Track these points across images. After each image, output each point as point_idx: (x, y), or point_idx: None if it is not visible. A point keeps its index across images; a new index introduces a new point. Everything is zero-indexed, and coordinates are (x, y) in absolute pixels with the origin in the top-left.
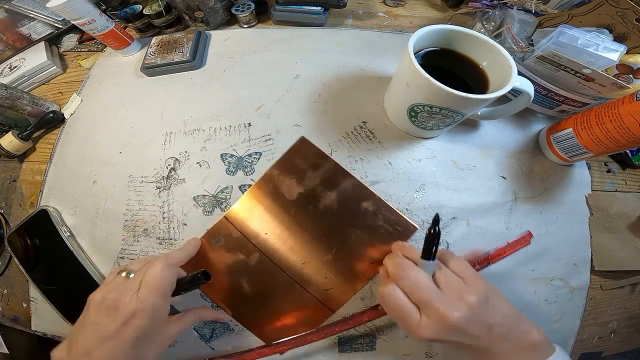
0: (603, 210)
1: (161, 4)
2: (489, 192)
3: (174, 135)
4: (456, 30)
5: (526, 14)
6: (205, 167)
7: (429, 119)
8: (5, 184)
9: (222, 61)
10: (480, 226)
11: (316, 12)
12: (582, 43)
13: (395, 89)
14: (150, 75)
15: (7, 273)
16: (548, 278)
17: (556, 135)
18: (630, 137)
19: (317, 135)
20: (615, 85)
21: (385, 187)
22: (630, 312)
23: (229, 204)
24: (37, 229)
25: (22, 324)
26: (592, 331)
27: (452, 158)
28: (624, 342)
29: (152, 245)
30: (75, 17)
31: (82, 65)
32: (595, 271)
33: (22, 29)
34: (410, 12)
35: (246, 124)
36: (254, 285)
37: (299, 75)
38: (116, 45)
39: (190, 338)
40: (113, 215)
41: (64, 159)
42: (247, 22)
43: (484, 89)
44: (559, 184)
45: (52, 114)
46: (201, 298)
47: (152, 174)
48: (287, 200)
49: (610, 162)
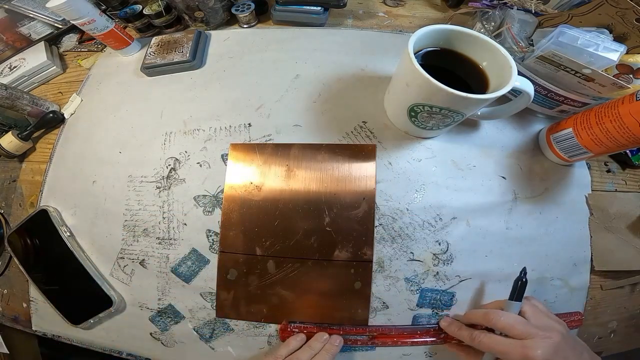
0: (603, 210)
1: (161, 4)
2: (489, 192)
3: (174, 135)
4: (456, 30)
5: (526, 14)
6: (206, 167)
7: (429, 119)
8: (5, 184)
9: (222, 61)
10: (480, 226)
11: (316, 12)
12: (582, 43)
13: (395, 89)
14: (150, 75)
15: (7, 273)
16: (548, 278)
17: (556, 135)
18: (630, 137)
19: (317, 135)
20: (615, 85)
21: (385, 187)
22: (630, 312)
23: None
24: (37, 229)
25: (22, 324)
26: (592, 331)
27: (452, 158)
28: (624, 342)
29: (152, 245)
30: (75, 17)
31: (82, 65)
32: (595, 271)
33: (22, 29)
34: (410, 12)
35: (246, 124)
36: (296, 287)
37: (299, 75)
38: (116, 45)
39: (190, 338)
40: (113, 215)
41: (64, 159)
42: (247, 22)
43: (484, 89)
44: (559, 184)
45: (52, 114)
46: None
47: (152, 174)
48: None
49: (610, 162)
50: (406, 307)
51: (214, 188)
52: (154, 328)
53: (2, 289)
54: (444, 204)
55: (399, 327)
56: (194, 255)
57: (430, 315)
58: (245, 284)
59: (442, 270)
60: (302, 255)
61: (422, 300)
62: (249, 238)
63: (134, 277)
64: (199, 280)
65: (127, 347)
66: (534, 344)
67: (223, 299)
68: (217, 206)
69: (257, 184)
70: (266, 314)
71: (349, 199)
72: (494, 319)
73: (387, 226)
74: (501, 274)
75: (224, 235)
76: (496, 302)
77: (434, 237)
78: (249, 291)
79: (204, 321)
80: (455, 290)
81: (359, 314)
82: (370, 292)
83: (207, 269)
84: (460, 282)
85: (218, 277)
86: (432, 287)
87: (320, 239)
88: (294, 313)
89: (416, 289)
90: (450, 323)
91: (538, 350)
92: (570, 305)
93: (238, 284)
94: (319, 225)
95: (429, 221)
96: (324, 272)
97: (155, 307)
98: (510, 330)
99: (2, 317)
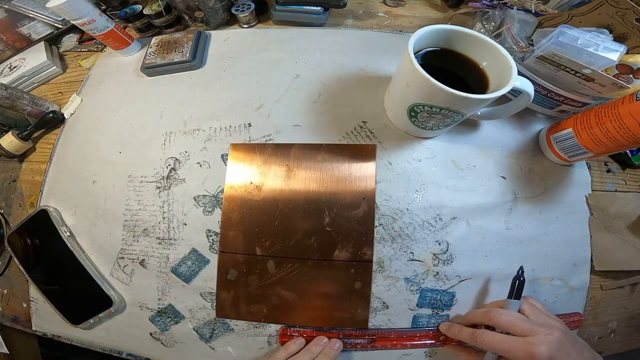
0: (603, 210)
1: (161, 4)
2: (489, 192)
3: (173, 135)
4: (456, 30)
5: (526, 14)
6: (206, 167)
7: (429, 119)
8: (5, 184)
9: (222, 61)
10: (480, 226)
11: (316, 12)
12: (582, 43)
13: (395, 89)
14: (150, 75)
15: (7, 273)
16: (548, 278)
17: (556, 135)
18: (630, 137)
19: (317, 135)
20: (615, 85)
21: (385, 187)
22: (630, 312)
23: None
24: (37, 229)
25: (22, 324)
26: (592, 331)
27: (452, 158)
28: (624, 342)
29: (152, 245)
30: (75, 17)
31: (82, 65)
32: (595, 271)
33: (22, 29)
34: (410, 12)
35: (246, 124)
36: (296, 287)
37: (299, 75)
38: (116, 45)
39: (190, 338)
40: (113, 215)
41: (64, 159)
42: (247, 22)
43: (484, 89)
44: (559, 184)
45: (52, 114)
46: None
47: (152, 174)
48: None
49: (610, 162)
50: (406, 307)
51: (214, 188)
52: (154, 328)
53: (2, 289)
54: (444, 204)
55: (399, 329)
56: (194, 255)
57: (431, 315)
58: (245, 284)
59: (442, 270)
60: (302, 255)
61: (422, 300)
62: (249, 238)
63: (134, 277)
64: (199, 280)
65: (127, 347)
66: (537, 341)
67: (223, 299)
68: (217, 206)
69: (257, 184)
70: (266, 314)
71: (349, 199)
72: (495, 316)
73: (387, 226)
74: (501, 274)
75: (224, 235)
76: (495, 303)
77: (434, 237)
78: (249, 291)
79: (204, 321)
80: (455, 290)
81: (359, 314)
82: (370, 292)
83: (207, 269)
84: (460, 282)
85: (218, 277)
86: (432, 287)
87: (320, 239)
88: (294, 313)
89: (416, 289)
90: (450, 326)
91: (542, 347)
92: (570, 305)
93: (238, 284)
94: (319, 225)
95: (429, 221)
96: (324, 272)
97: (155, 307)
98: (511, 327)
99: (2, 317)
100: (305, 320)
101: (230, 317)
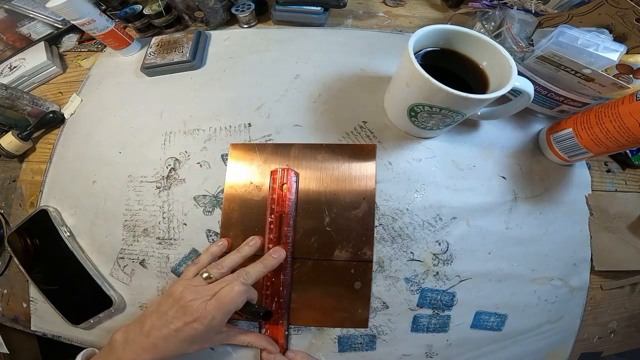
0: (603, 210)
1: (161, 4)
2: (489, 192)
3: (173, 135)
4: (456, 30)
5: (526, 14)
6: (206, 167)
7: (429, 119)
8: (5, 184)
9: (222, 61)
10: (480, 226)
11: (316, 12)
12: (582, 43)
13: (395, 89)
14: (150, 75)
15: (7, 273)
16: (548, 278)
17: (556, 135)
18: (630, 137)
19: (317, 135)
20: (615, 85)
21: (385, 187)
22: (630, 312)
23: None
24: (37, 229)
25: (22, 324)
26: (592, 331)
27: (452, 158)
28: (624, 342)
29: (152, 245)
30: (75, 17)
31: (82, 65)
32: (595, 271)
33: (22, 29)
34: (410, 12)
35: (246, 124)
36: (296, 286)
37: (299, 75)
38: (116, 45)
39: None
40: (113, 215)
41: (64, 159)
42: (247, 22)
43: (484, 89)
44: (559, 184)
45: (52, 114)
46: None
47: (152, 174)
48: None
49: (610, 162)
50: (406, 307)
51: (214, 188)
52: None
53: (2, 289)
54: (444, 204)
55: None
56: (194, 255)
57: (431, 315)
58: None
59: (442, 270)
60: (302, 255)
61: (423, 301)
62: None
63: (134, 277)
64: None
65: None
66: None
67: None
68: (217, 206)
69: (257, 184)
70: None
71: (349, 199)
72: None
73: (387, 226)
74: (501, 274)
75: (224, 235)
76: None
77: (434, 237)
78: None
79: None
80: (455, 291)
81: (359, 314)
82: (370, 292)
83: None
84: (461, 282)
85: None
86: (432, 287)
87: (320, 239)
88: (293, 313)
89: (416, 289)
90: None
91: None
92: (570, 305)
93: None
94: (319, 225)
95: (429, 221)
96: (324, 272)
97: None
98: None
99: (2, 317)
100: (305, 320)
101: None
